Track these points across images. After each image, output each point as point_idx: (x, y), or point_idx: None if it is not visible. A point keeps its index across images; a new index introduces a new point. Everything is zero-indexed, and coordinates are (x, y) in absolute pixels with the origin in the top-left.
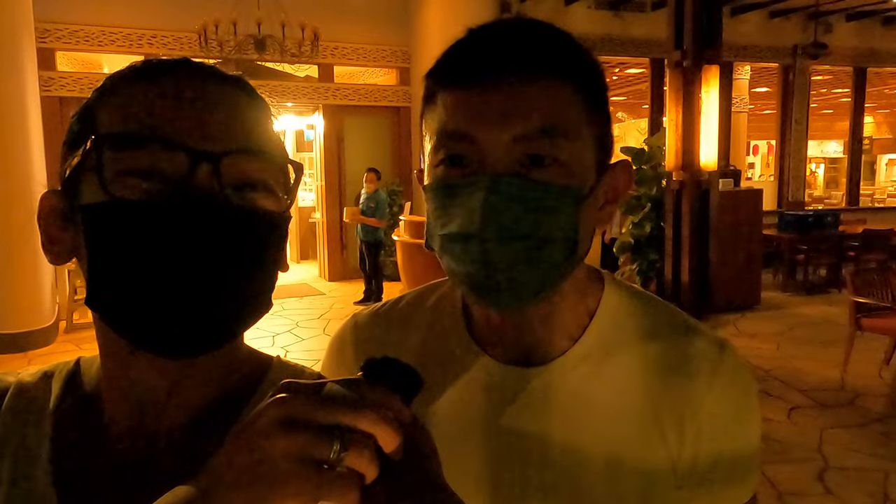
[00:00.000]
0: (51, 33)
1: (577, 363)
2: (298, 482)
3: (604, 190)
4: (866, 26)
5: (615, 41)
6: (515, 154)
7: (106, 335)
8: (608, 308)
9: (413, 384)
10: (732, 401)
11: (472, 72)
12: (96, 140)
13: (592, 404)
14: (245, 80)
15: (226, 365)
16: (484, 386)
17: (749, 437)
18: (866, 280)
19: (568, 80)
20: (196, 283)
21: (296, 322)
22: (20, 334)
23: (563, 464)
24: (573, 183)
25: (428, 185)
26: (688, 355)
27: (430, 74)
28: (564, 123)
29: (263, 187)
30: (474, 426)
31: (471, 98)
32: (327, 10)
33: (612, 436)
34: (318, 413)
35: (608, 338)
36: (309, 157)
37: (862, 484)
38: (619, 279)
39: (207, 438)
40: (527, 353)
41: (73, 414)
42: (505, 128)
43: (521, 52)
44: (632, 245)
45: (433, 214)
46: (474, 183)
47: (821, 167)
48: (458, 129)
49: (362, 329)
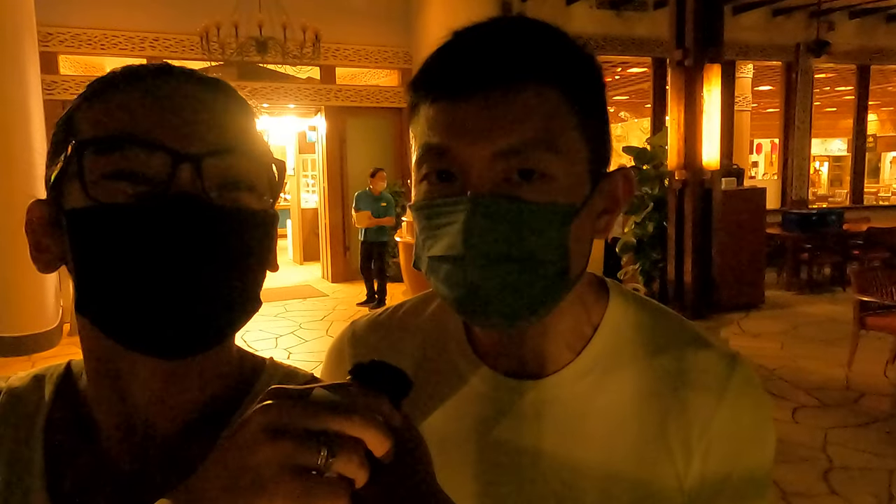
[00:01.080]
0: (53, 37)
1: (578, 377)
2: (285, 490)
3: (601, 199)
4: (869, 23)
5: (617, 41)
6: (499, 170)
7: (93, 340)
8: (612, 320)
9: (402, 386)
10: (744, 418)
11: (453, 83)
12: (77, 145)
13: (591, 419)
14: (225, 81)
15: (217, 368)
16: (480, 396)
17: (762, 455)
18: (871, 278)
19: (556, 86)
20: (182, 283)
21: (299, 324)
22: (23, 337)
23: (558, 479)
24: (563, 197)
25: (413, 203)
26: (696, 370)
27: (411, 84)
28: (551, 135)
29: (246, 186)
30: (469, 436)
31: (452, 111)
32: (329, 12)
33: (610, 451)
34: (305, 419)
35: (612, 351)
36: (311, 159)
37: (867, 484)
38: (626, 289)
39: (200, 442)
40: (525, 366)
41: (65, 418)
42: (487, 143)
43: (505, 59)
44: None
45: (420, 235)
46: (456, 203)
47: (825, 165)
48: (440, 144)
49: (360, 338)
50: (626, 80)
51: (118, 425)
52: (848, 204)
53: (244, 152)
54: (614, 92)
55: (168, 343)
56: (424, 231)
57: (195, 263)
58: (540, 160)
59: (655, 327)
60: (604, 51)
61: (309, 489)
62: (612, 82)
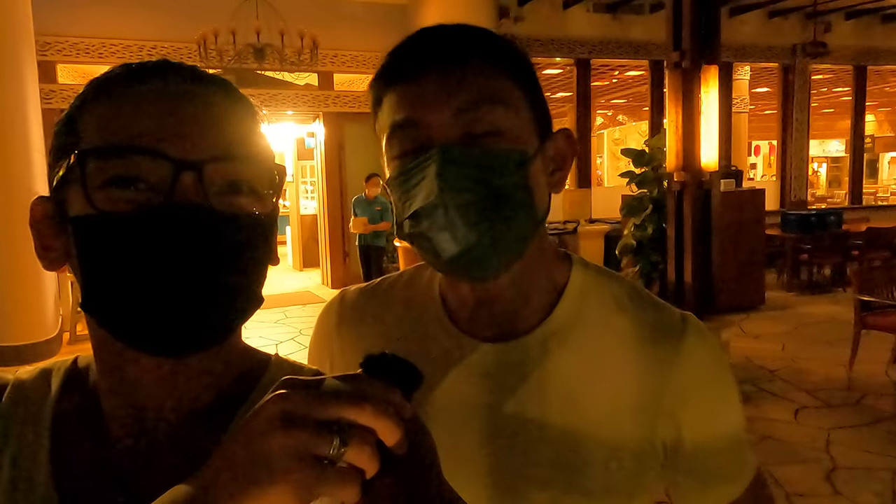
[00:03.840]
0: (51, 46)
1: (548, 338)
2: (298, 479)
3: (550, 156)
4: (866, 24)
5: (614, 44)
6: (459, 127)
7: (101, 337)
8: (576, 285)
9: (412, 379)
10: (702, 366)
11: (409, 67)
12: (79, 154)
13: (564, 377)
14: (228, 81)
15: (223, 363)
16: (457, 361)
17: (726, 400)
18: (871, 278)
19: (496, 62)
20: (186, 287)
21: (299, 330)
22: (23, 346)
23: (527, 435)
24: (517, 147)
25: (388, 179)
26: (654, 326)
27: (372, 83)
28: (499, 95)
29: (248, 190)
30: (448, 400)
31: (411, 88)
32: (326, 19)
33: (579, 408)
34: (318, 408)
35: (577, 312)
36: (310, 165)
37: (870, 483)
38: (586, 260)
39: (207, 436)
40: (498, 329)
41: (72, 412)
42: (444, 105)
43: (453, 43)
44: (634, 246)
45: (398, 203)
46: (426, 160)
47: (823, 166)
48: (406, 118)
49: (348, 303)
50: (623, 84)
51: (125, 418)
52: (847, 204)
53: (245, 156)
54: (612, 95)
55: (172, 342)
56: (402, 197)
57: (198, 268)
58: (492, 115)
59: (614, 292)
60: (601, 54)
61: (320, 478)
62: (610, 85)
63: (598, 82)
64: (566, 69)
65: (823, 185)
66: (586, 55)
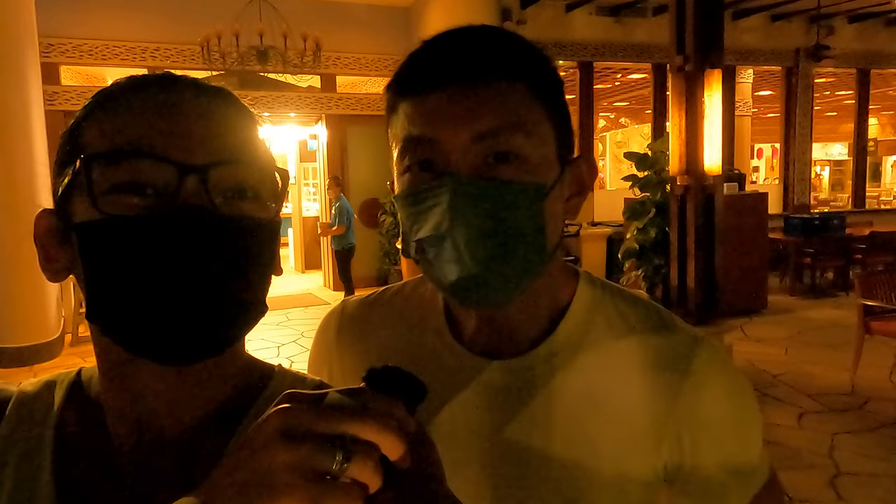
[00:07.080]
0: (55, 48)
1: (552, 356)
2: (300, 494)
3: (569, 183)
4: (869, 28)
5: (617, 47)
6: (477, 153)
7: (105, 347)
8: (581, 303)
9: (416, 392)
10: (713, 398)
11: (428, 78)
12: (84, 160)
13: (561, 397)
14: (228, 90)
15: (226, 374)
16: (458, 376)
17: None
18: (874, 282)
19: (521, 80)
20: (191, 292)
21: (301, 332)
22: (25, 348)
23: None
24: (536, 178)
25: (398, 193)
26: (660, 351)
27: (389, 86)
28: (521, 120)
29: (251, 195)
30: (447, 416)
31: (429, 103)
32: (329, 21)
33: (579, 431)
34: (320, 423)
35: (583, 331)
36: (312, 167)
37: (874, 489)
38: (595, 276)
39: (209, 446)
40: (499, 345)
41: (75, 424)
42: (464, 127)
43: (475, 56)
44: (637, 250)
45: (406, 221)
46: (439, 186)
47: (826, 170)
48: (420, 134)
49: (348, 314)
50: (625, 86)
51: (128, 428)
52: (850, 208)
53: (248, 161)
54: (614, 98)
55: (177, 350)
56: (411, 217)
57: (203, 273)
58: (513, 142)
59: (623, 311)
60: (603, 57)
61: (323, 493)
62: (612, 88)
63: (601, 85)
64: (569, 72)
65: (826, 188)
66: (589, 58)
